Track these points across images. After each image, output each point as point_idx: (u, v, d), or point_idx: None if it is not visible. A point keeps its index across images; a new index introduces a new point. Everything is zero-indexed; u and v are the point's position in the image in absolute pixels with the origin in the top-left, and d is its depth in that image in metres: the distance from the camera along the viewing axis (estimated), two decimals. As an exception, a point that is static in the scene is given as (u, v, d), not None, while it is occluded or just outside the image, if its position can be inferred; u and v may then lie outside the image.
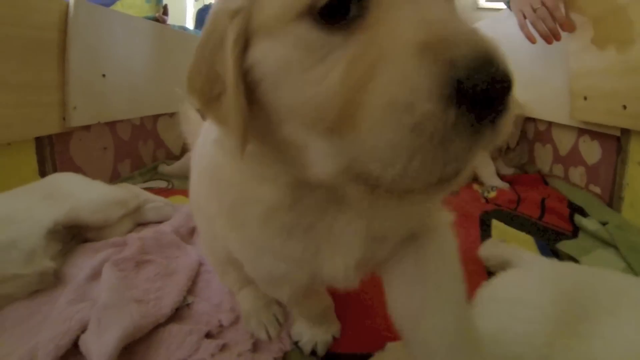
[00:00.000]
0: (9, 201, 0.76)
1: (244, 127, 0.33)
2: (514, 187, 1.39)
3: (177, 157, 1.79)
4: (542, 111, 1.39)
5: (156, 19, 2.08)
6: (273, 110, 0.33)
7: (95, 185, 0.94)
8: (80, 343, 0.54)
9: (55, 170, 1.13)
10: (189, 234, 0.94)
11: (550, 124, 1.39)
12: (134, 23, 1.50)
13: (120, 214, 0.91)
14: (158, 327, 0.60)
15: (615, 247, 0.93)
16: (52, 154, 1.13)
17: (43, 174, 1.09)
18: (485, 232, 1.05)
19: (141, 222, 0.99)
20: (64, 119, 1.12)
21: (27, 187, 0.85)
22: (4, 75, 0.95)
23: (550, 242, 0.99)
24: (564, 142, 1.33)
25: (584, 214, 1.11)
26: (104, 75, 1.26)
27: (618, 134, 1.06)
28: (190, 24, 3.87)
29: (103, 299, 0.59)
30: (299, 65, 0.29)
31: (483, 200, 1.30)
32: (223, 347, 0.56)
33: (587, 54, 1.07)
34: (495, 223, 1.09)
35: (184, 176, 1.53)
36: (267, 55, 0.31)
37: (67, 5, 1.12)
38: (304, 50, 0.29)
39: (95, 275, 0.69)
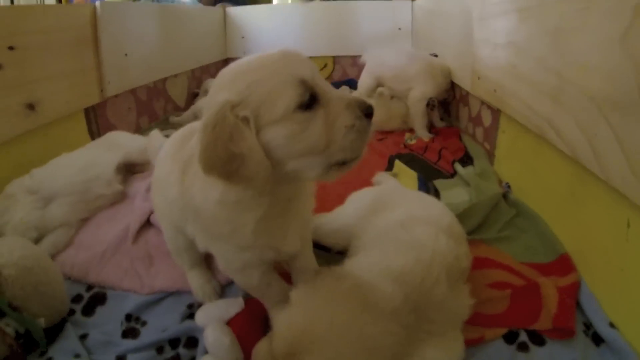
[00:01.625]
0: (88, 152, 1.19)
1: (268, 176, 0.51)
2: (436, 138, 1.65)
3: (183, 109, 2.18)
4: (463, 80, 1.60)
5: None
6: (283, 158, 0.52)
7: (137, 138, 1.37)
8: (151, 218, 1.00)
9: (98, 129, 1.54)
10: None
11: (467, 91, 1.60)
12: (144, 8, 1.87)
13: (155, 155, 1.35)
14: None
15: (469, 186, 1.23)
16: (95, 117, 1.53)
17: (91, 133, 1.50)
18: (387, 168, 1.37)
19: None
20: (101, 91, 1.53)
21: (94, 143, 1.29)
22: (59, 67, 1.32)
23: (427, 178, 1.28)
24: (474, 106, 1.57)
25: (472, 163, 1.39)
26: (126, 55, 1.64)
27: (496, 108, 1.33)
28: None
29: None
30: (299, 131, 0.50)
31: (402, 146, 1.59)
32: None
33: (485, 45, 1.31)
34: (397, 162, 1.40)
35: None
36: (278, 133, 0.50)
37: (95, 7, 1.50)
38: (300, 124, 0.50)
39: (149, 188, 1.13)
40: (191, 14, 2.36)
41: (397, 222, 0.76)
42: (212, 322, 0.70)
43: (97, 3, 1.51)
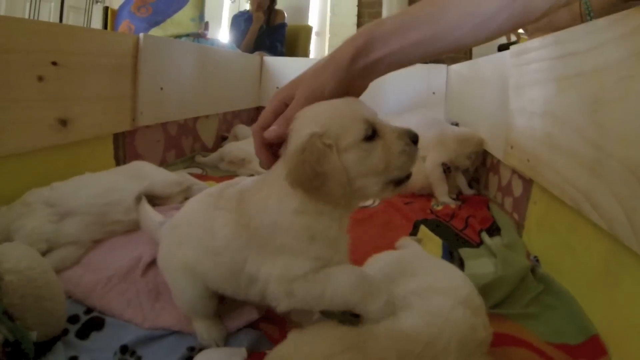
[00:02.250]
0: (111, 177, 1.18)
1: (346, 191, 0.61)
2: (464, 206, 1.61)
3: (210, 150, 2.19)
4: (495, 148, 1.58)
5: (199, 35, 2.51)
6: (353, 177, 0.62)
7: (162, 171, 1.36)
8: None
9: (124, 156, 1.54)
10: None
11: (499, 159, 1.56)
12: (184, 46, 1.93)
13: (178, 190, 1.33)
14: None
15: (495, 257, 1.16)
16: (124, 144, 1.55)
17: (117, 158, 1.51)
18: (412, 232, 1.34)
19: (188, 197, 1.41)
20: (133, 120, 1.55)
21: (119, 169, 1.28)
22: (96, 89, 1.34)
23: (452, 246, 1.24)
24: (505, 175, 1.54)
25: (499, 233, 1.34)
26: (161, 88, 1.68)
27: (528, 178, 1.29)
28: (225, 26, 4.36)
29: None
30: (365, 156, 0.62)
31: (429, 211, 1.55)
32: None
33: (521, 114, 1.29)
34: (422, 227, 1.37)
35: (215, 166, 1.96)
36: (349, 157, 0.61)
37: (138, 39, 1.55)
38: (365, 151, 0.61)
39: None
40: (229, 58, 2.42)
41: (414, 291, 0.73)
42: None
43: (141, 35, 1.55)
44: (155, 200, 1.28)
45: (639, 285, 0.71)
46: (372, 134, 0.62)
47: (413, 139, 0.65)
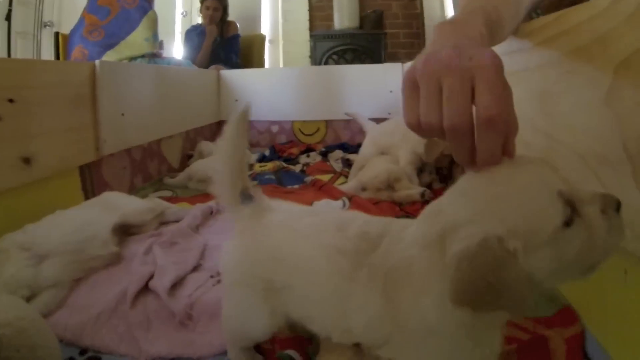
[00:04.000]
0: (83, 212, 1.16)
1: (528, 302, 0.45)
2: (433, 199, 1.63)
3: (177, 170, 2.16)
4: None
5: (154, 55, 2.48)
6: (545, 277, 0.46)
7: (134, 199, 1.35)
8: (150, 284, 0.95)
9: (92, 187, 1.51)
10: (195, 228, 1.33)
11: None
12: (141, 69, 1.92)
13: (152, 217, 1.32)
14: (185, 275, 1.02)
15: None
16: (90, 175, 1.52)
17: (85, 191, 1.47)
18: None
19: (163, 221, 1.39)
20: (97, 149, 1.52)
21: (90, 202, 1.26)
22: (56, 122, 1.32)
23: None
24: None
25: None
26: (122, 114, 1.65)
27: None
28: (179, 40, 4.37)
29: (159, 262, 1.02)
30: (566, 248, 0.45)
31: (397, 209, 1.54)
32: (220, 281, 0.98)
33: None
34: None
35: (184, 186, 1.94)
36: (545, 255, 0.45)
37: (94, 66, 1.52)
38: (566, 241, 0.45)
39: (147, 251, 1.10)
40: (186, 76, 2.41)
41: None
42: None
43: (97, 62, 1.53)
44: (130, 229, 1.26)
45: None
46: (571, 214, 0.46)
47: (617, 207, 0.49)
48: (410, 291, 0.51)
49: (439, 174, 1.82)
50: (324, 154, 2.46)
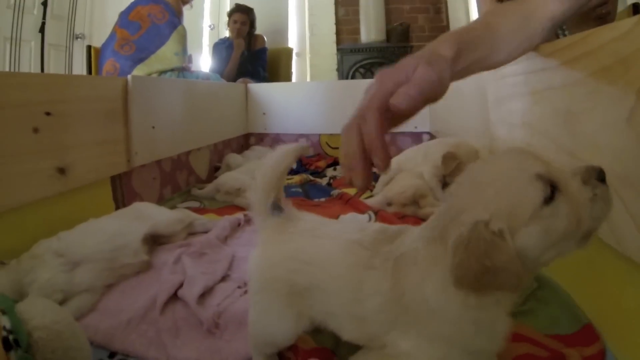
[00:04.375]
0: (115, 221, 1.19)
1: (523, 279, 0.49)
2: None
3: (205, 181, 2.21)
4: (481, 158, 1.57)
5: (183, 68, 2.55)
6: (539, 254, 0.51)
7: (163, 210, 1.38)
8: (179, 292, 0.98)
9: (123, 197, 1.56)
10: (223, 239, 1.36)
11: None
12: (171, 84, 1.96)
13: (181, 227, 1.35)
14: (214, 285, 1.04)
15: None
16: (121, 185, 1.56)
17: (115, 200, 1.52)
18: None
19: (192, 232, 1.42)
20: (128, 161, 1.57)
21: (121, 212, 1.30)
22: (90, 135, 1.37)
23: None
24: None
25: None
26: (153, 127, 1.70)
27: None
28: (206, 53, 4.47)
29: (188, 271, 1.05)
30: (551, 223, 0.49)
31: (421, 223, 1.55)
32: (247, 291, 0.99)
33: (502, 125, 1.34)
34: None
35: (212, 198, 1.97)
36: (531, 233, 0.49)
37: (127, 81, 1.57)
38: (549, 217, 0.49)
39: (176, 261, 1.13)
40: (214, 90, 2.46)
41: None
42: None
43: (129, 77, 1.58)
44: (160, 239, 1.29)
45: (620, 275, 0.76)
46: (552, 191, 0.50)
47: (599, 176, 0.53)
48: (415, 276, 0.55)
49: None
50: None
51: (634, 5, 1.84)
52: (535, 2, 0.73)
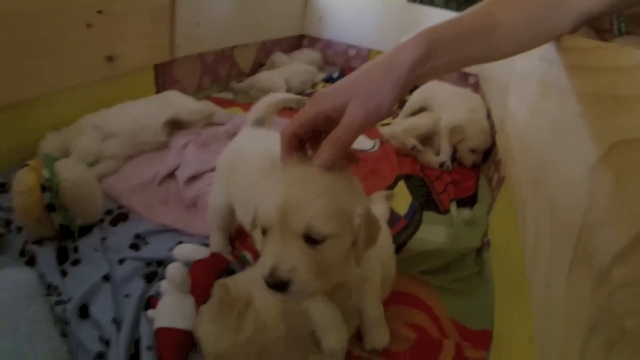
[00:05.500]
0: (145, 105, 1.48)
1: None
2: (455, 170, 1.68)
3: (247, 76, 2.35)
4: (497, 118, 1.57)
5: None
6: None
7: (189, 100, 1.65)
8: (176, 172, 1.30)
9: (164, 83, 1.84)
10: (231, 135, 1.56)
11: None
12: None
13: (200, 117, 1.63)
14: (204, 172, 1.34)
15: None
16: (163, 73, 1.83)
17: (157, 85, 1.81)
18: (391, 186, 1.46)
19: (211, 122, 1.70)
20: (171, 52, 1.81)
21: (153, 98, 1.60)
22: (137, 29, 1.60)
23: (421, 207, 1.36)
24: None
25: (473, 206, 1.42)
26: (198, 24, 1.92)
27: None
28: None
29: (187, 157, 1.37)
30: None
31: (418, 167, 1.64)
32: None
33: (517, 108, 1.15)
34: (400, 183, 1.47)
35: (246, 93, 2.19)
36: None
37: (177, -21, 1.79)
38: None
39: (184, 146, 1.44)
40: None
41: None
42: (179, 259, 0.95)
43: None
44: (181, 124, 1.60)
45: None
46: None
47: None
48: None
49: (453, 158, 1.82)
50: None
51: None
52: None
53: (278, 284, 0.55)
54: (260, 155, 0.84)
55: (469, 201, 1.44)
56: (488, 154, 1.78)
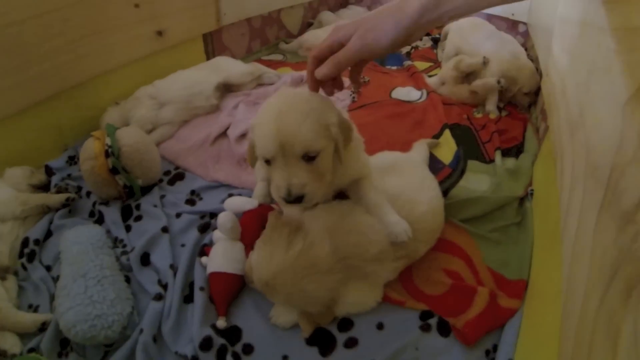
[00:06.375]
0: (196, 72, 1.55)
1: None
2: (503, 119, 1.58)
3: (296, 37, 2.34)
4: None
5: None
6: None
7: (238, 63, 1.70)
8: (228, 131, 1.37)
9: (213, 51, 1.91)
10: None
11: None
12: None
13: (250, 79, 1.67)
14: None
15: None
16: (212, 41, 1.90)
17: (207, 53, 1.88)
18: (437, 135, 1.44)
19: (260, 83, 1.73)
20: (218, 21, 1.86)
21: (203, 65, 1.66)
22: (184, 4, 1.66)
23: (466, 156, 1.32)
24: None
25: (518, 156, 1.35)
26: (243, -7, 1.97)
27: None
28: None
29: (237, 116, 1.43)
30: None
31: (465, 117, 1.58)
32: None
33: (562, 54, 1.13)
34: (446, 132, 1.44)
35: (295, 53, 2.22)
36: None
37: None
38: None
39: (235, 106, 1.50)
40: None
41: (392, 187, 0.92)
42: (230, 210, 0.99)
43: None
44: (232, 87, 1.65)
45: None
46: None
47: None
48: None
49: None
50: (435, 41, 2.35)
51: None
52: None
53: (295, 199, 0.72)
54: None
55: (515, 151, 1.39)
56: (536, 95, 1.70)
